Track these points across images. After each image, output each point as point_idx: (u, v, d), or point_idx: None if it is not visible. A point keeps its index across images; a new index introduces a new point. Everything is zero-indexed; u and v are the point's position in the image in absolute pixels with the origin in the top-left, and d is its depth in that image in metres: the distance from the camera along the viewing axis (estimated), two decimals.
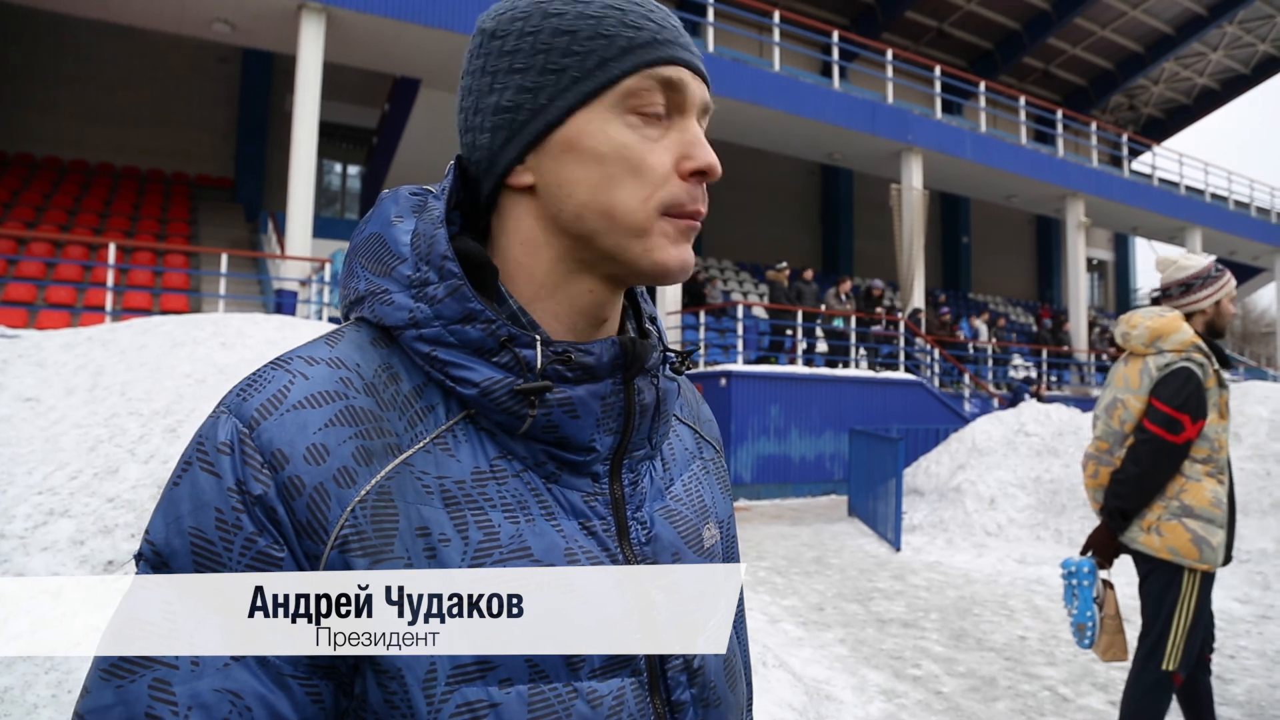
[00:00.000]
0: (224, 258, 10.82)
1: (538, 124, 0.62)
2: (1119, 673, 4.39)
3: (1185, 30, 24.67)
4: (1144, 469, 2.74)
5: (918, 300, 15.70)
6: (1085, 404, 14.55)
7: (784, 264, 13.93)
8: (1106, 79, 27.00)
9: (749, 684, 0.82)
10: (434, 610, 0.54)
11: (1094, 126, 20.86)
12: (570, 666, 0.58)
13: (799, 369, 12.51)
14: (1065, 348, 18.47)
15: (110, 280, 10.46)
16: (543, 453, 0.61)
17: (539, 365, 0.60)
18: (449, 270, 0.60)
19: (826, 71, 18.43)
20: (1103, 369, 19.57)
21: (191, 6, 11.06)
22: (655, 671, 0.63)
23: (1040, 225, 28.36)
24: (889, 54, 16.80)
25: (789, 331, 13.41)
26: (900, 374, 13.47)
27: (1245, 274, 27.65)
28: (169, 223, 13.95)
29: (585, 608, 0.59)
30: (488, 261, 0.63)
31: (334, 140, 17.95)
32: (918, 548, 7.78)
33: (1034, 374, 17.87)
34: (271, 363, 0.59)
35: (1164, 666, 2.71)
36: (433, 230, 0.62)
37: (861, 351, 14.15)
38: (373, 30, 11.39)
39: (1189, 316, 2.91)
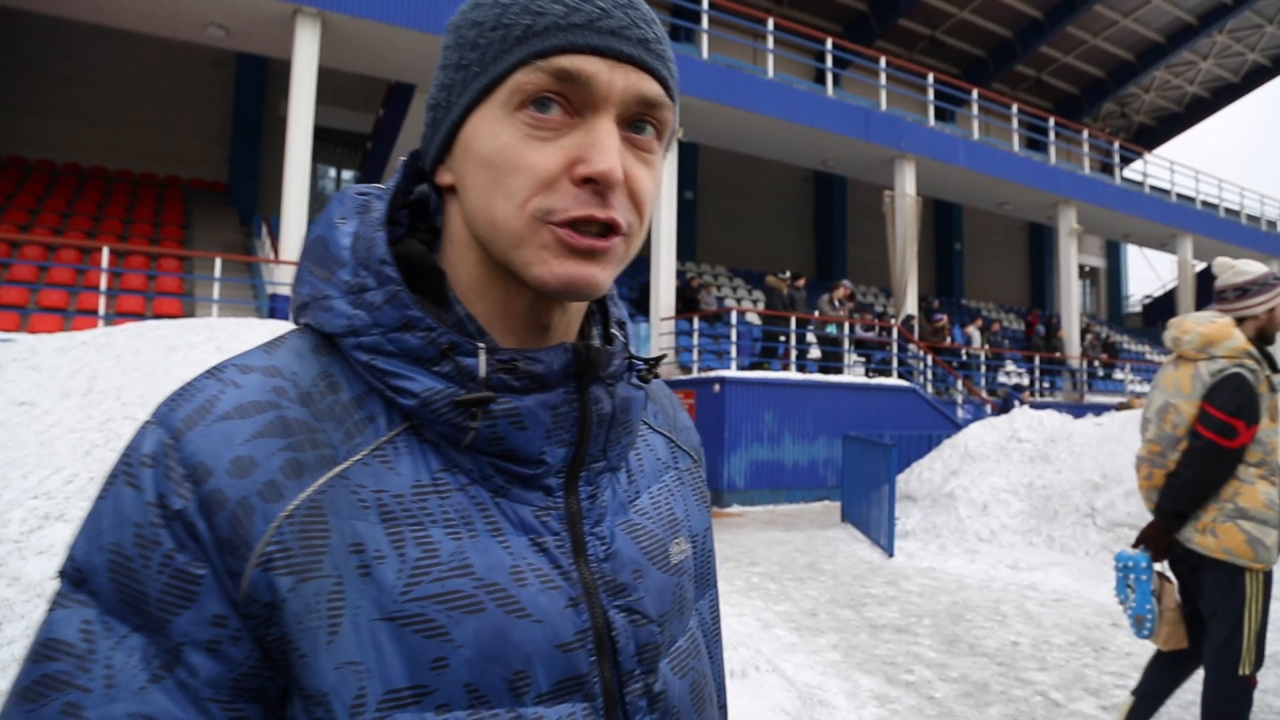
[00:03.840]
0: (218, 262, 10.80)
1: (447, 123, 0.60)
2: (1110, 677, 4.41)
3: (1176, 39, 24.84)
4: (1199, 473, 2.78)
5: (911, 306, 15.75)
6: (1078, 410, 14.61)
7: (786, 272, 13.96)
8: (1098, 87, 27.16)
9: (723, 707, 0.78)
10: (368, 632, 0.51)
11: (1086, 134, 20.97)
12: (514, 691, 0.54)
13: (792, 375, 12.53)
14: (1058, 354, 18.54)
15: (103, 284, 10.43)
16: (489, 466, 0.58)
17: (482, 375, 0.57)
18: (387, 275, 0.57)
19: (820, 79, 18.50)
20: (1094, 376, 19.67)
21: (186, 11, 11.06)
22: (612, 696, 0.59)
23: (1032, 232, 28.48)
24: (882, 61, 16.87)
25: (782, 338, 13.44)
26: (893, 380, 13.50)
27: None
28: (162, 226, 13.92)
29: (532, 629, 0.55)
30: (433, 266, 0.61)
31: (328, 145, 17.96)
32: (910, 553, 7.80)
33: (1025, 381, 17.94)
34: (206, 371, 0.56)
35: (1240, 672, 2.74)
36: (372, 233, 0.59)
37: (855, 357, 14.18)
38: (367, 35, 11.40)
39: (1240, 321, 2.93)
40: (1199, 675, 4.36)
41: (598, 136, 0.56)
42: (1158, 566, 2.97)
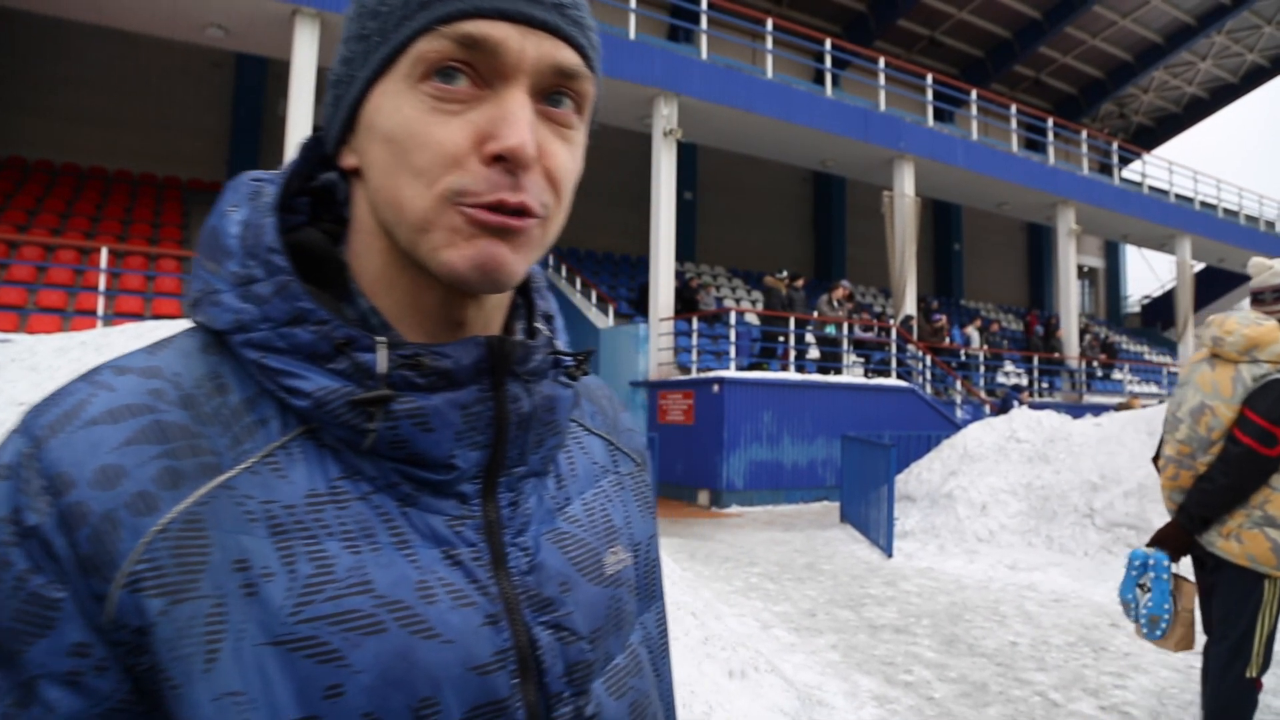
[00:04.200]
0: None
1: (348, 99, 0.54)
2: (1109, 678, 4.42)
3: (1175, 40, 24.88)
4: (1234, 480, 2.73)
5: (910, 307, 15.76)
6: (1076, 410, 14.61)
7: (784, 271, 13.97)
8: (1097, 87, 27.19)
9: None
10: (253, 657, 0.46)
11: (1084, 134, 20.99)
12: None
13: (791, 375, 12.55)
14: (1057, 354, 18.55)
15: (102, 285, 10.43)
16: (395, 472, 0.53)
17: (382, 371, 0.52)
18: (275, 265, 0.53)
19: (819, 79, 18.51)
20: (1093, 376, 19.68)
21: (185, 11, 11.06)
22: None
23: (1031, 232, 28.50)
24: (881, 62, 16.89)
25: (781, 338, 13.45)
26: (892, 380, 13.51)
27: (1234, 282, 27.83)
28: (161, 227, 13.92)
29: (441, 650, 0.50)
30: (331, 254, 0.57)
31: None
32: (909, 554, 7.80)
33: (1024, 381, 17.95)
34: (81, 375, 0.52)
35: (1248, 674, 2.73)
36: (261, 219, 0.54)
37: (854, 358, 14.19)
38: None
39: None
40: (1199, 673, 4.37)
41: (508, 109, 0.51)
42: (1174, 567, 2.94)
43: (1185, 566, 3.06)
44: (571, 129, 0.55)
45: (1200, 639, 2.95)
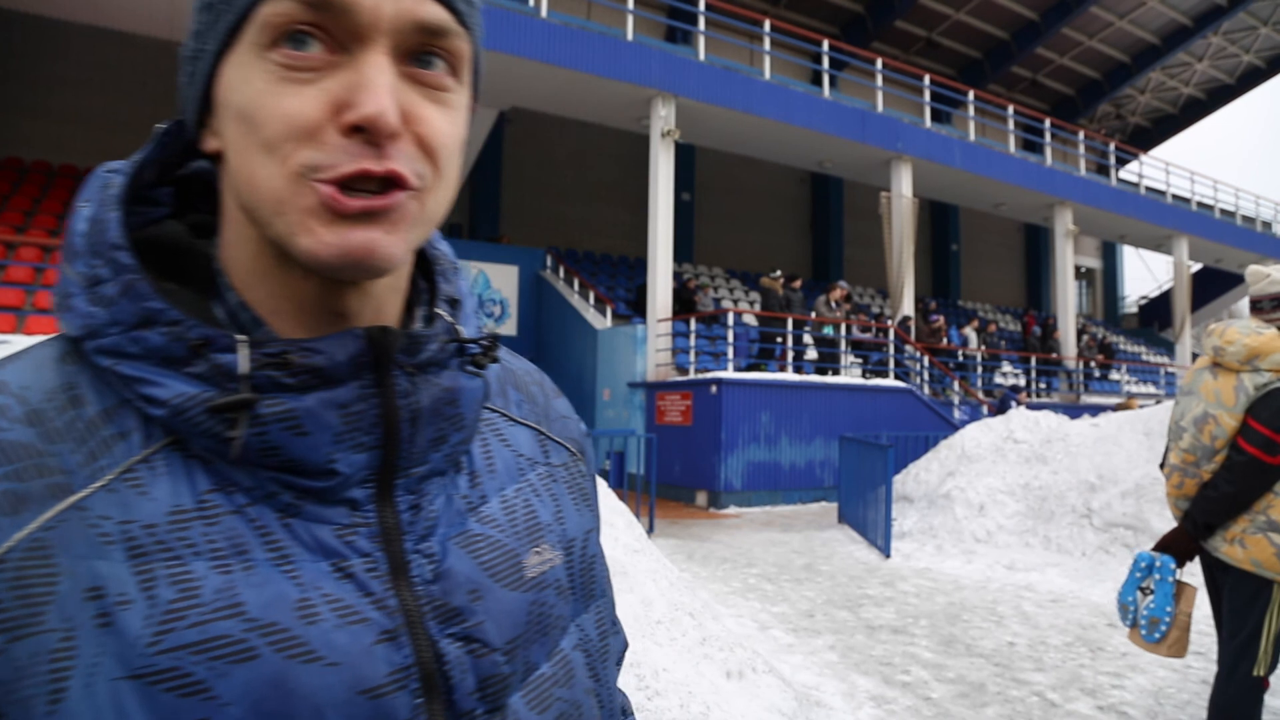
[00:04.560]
0: None
1: (200, 75, 0.50)
2: (1106, 678, 4.42)
3: (1171, 41, 24.93)
4: (1238, 488, 2.75)
5: (907, 307, 15.77)
6: (1074, 411, 14.63)
7: (778, 272, 13.98)
8: (1094, 88, 27.23)
9: None
10: (107, 694, 0.42)
11: (1081, 135, 21.03)
12: None
13: (789, 376, 12.55)
14: (1054, 355, 18.58)
15: None
16: (273, 481, 0.49)
17: (244, 372, 0.47)
18: (120, 262, 0.48)
19: (817, 80, 18.52)
20: (1091, 377, 19.71)
21: (183, 11, 11.05)
22: None
23: (1029, 233, 28.55)
24: (879, 63, 16.91)
25: (779, 339, 13.46)
26: (890, 381, 13.53)
27: (1231, 282, 27.88)
28: None
29: (324, 674, 0.46)
30: (191, 247, 0.53)
31: None
32: (907, 554, 7.81)
33: (1022, 381, 17.97)
34: None
35: (1255, 672, 2.75)
36: (104, 214, 0.50)
37: (851, 359, 14.20)
38: None
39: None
40: (1198, 675, 4.38)
41: (365, 75, 0.46)
42: (1179, 572, 2.97)
43: (1191, 571, 3.08)
44: (447, 91, 0.50)
45: (1192, 646, 2.97)
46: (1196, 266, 25.64)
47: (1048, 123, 20.01)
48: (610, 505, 4.05)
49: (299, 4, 0.45)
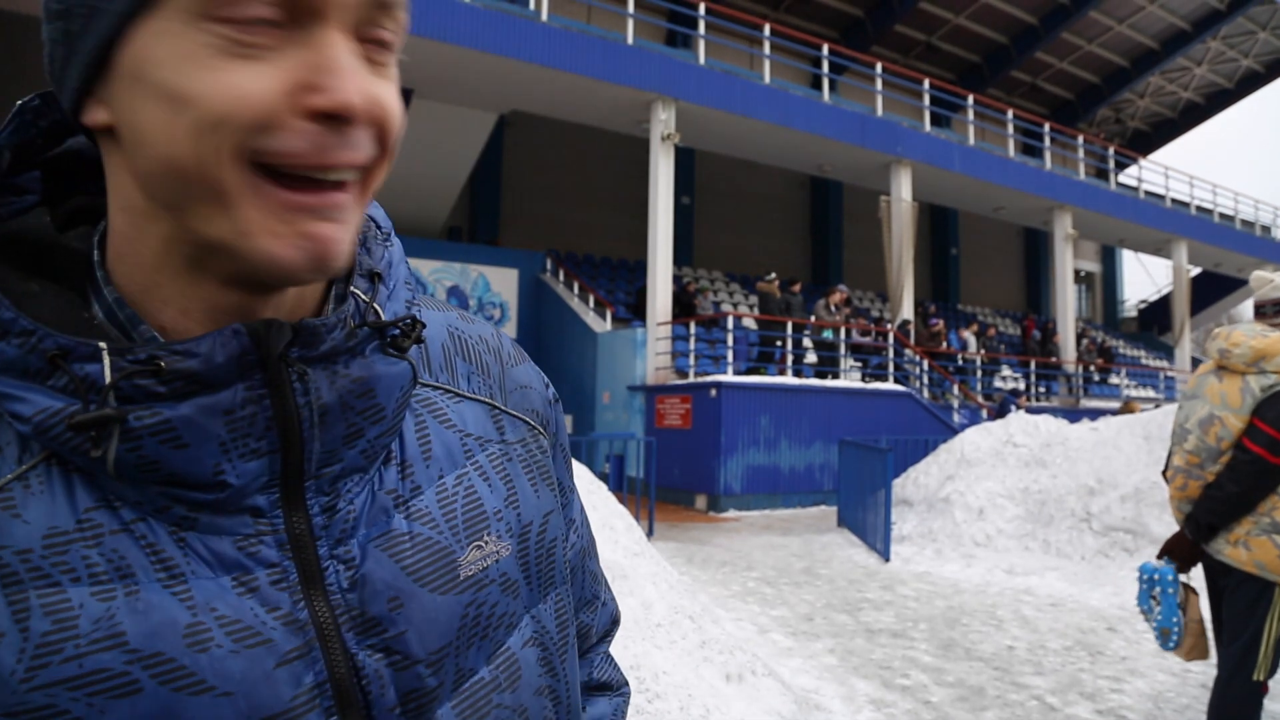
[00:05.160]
0: None
1: (93, 38, 0.42)
2: (1106, 682, 4.43)
3: (1170, 45, 24.97)
4: (1243, 488, 2.76)
5: (907, 311, 15.78)
6: (1073, 415, 14.63)
7: (773, 275, 14.00)
8: (1093, 93, 27.28)
9: None
10: None
11: (1081, 139, 21.06)
12: None
13: (789, 380, 12.55)
14: (1054, 359, 18.58)
15: None
16: (160, 495, 0.44)
17: (109, 383, 0.42)
18: None
19: (816, 84, 18.54)
20: (1090, 380, 19.71)
21: None
22: None
23: (1028, 237, 28.58)
24: (878, 67, 16.93)
25: (779, 342, 13.46)
26: (889, 385, 13.53)
27: (1231, 286, 27.90)
28: None
29: (215, 706, 0.42)
30: (55, 243, 0.48)
31: None
32: (907, 558, 7.81)
33: (1021, 385, 17.98)
34: None
35: (1255, 677, 2.75)
36: None
37: (851, 362, 14.21)
38: None
39: None
40: (1197, 679, 4.39)
41: (332, 55, 0.41)
42: (1183, 578, 2.97)
43: (1196, 576, 3.08)
44: (389, 65, 0.46)
45: (1212, 648, 2.98)
46: (1196, 271, 25.64)
47: (1047, 127, 20.03)
48: (610, 508, 4.06)
49: None
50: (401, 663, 0.49)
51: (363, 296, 0.52)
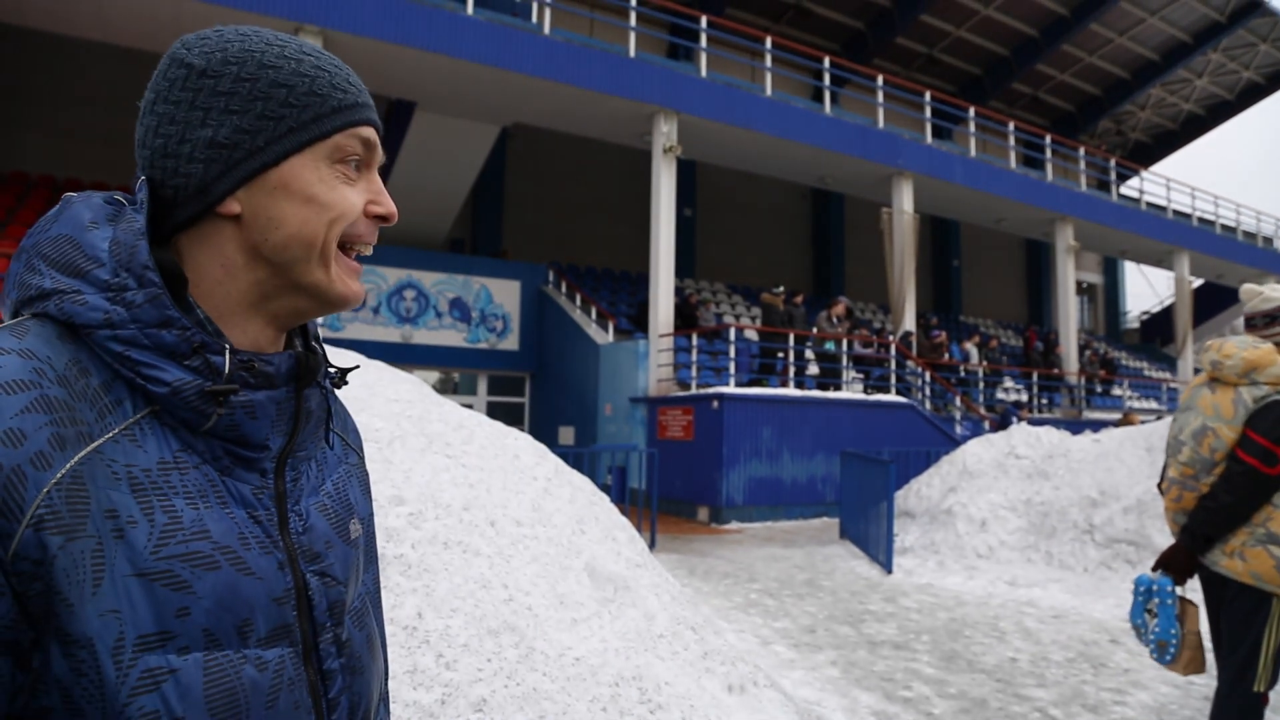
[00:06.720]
0: None
1: (254, 163, 0.69)
2: (1108, 694, 4.41)
3: (1171, 57, 25.04)
4: (1237, 499, 2.76)
5: (909, 323, 15.79)
6: (1076, 426, 14.61)
7: (780, 288, 14.02)
8: (1094, 105, 27.34)
9: (385, 658, 0.91)
10: (123, 585, 0.59)
11: (1082, 151, 21.08)
12: (240, 635, 0.65)
13: (791, 391, 12.55)
14: (1056, 370, 18.57)
15: None
16: (220, 448, 0.68)
17: (226, 371, 0.66)
18: (149, 279, 0.65)
19: (818, 97, 18.62)
20: (1092, 392, 19.68)
21: (188, 29, 11.07)
22: (309, 643, 0.72)
23: (1030, 249, 28.59)
24: (880, 79, 16.99)
25: (780, 354, 13.46)
26: (891, 396, 13.52)
27: (1233, 298, 27.88)
28: None
29: (256, 585, 0.66)
30: (181, 274, 0.68)
31: None
32: (909, 570, 7.79)
33: (1023, 397, 17.96)
34: None
35: (1255, 688, 2.75)
36: (134, 240, 0.66)
37: (853, 374, 14.21)
38: (369, 53, 11.48)
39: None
40: (1200, 692, 4.37)
41: (379, 186, 0.76)
42: (1180, 590, 2.96)
43: (1192, 588, 3.07)
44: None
45: (1211, 661, 2.96)
46: (1198, 282, 25.65)
47: (1048, 139, 20.08)
48: (612, 520, 4.06)
49: (359, 141, 0.74)
50: (330, 583, 0.75)
51: (320, 350, 0.81)
